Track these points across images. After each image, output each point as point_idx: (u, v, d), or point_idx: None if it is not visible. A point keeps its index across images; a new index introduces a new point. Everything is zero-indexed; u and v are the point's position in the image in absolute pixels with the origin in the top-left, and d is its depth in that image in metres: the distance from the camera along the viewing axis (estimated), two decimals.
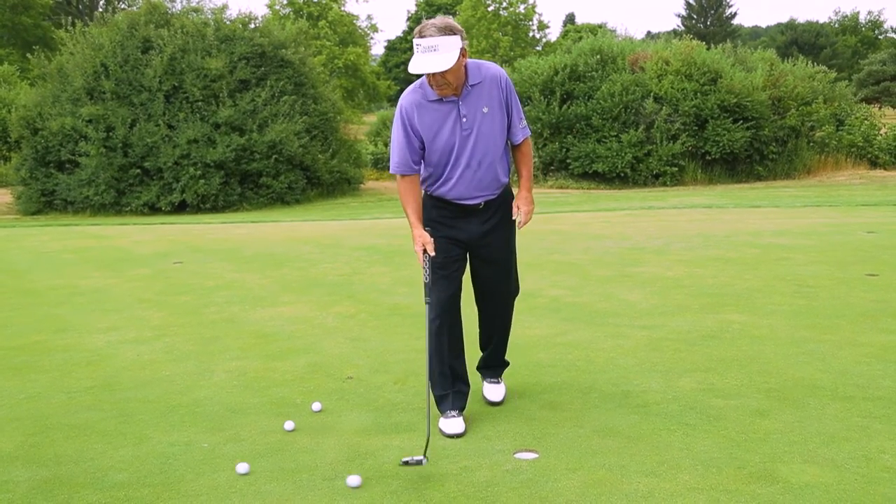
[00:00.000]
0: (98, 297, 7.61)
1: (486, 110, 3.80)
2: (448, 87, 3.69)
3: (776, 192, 19.14)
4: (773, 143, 23.57)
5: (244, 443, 3.79)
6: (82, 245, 12.35)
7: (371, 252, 10.05)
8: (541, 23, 61.03)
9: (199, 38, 21.63)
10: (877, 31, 71.56)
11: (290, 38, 23.08)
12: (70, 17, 26.03)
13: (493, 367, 4.31)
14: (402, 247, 10.01)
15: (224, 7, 24.34)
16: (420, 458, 3.44)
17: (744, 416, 3.88)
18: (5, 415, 4.31)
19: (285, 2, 48.65)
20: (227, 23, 22.98)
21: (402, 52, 62.48)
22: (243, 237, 12.68)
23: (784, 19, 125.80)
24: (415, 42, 3.61)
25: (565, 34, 61.77)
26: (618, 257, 8.84)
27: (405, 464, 3.42)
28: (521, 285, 4.29)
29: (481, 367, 4.34)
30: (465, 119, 3.77)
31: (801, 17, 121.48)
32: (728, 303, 6.33)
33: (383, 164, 27.95)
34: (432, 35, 3.55)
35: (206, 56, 21.18)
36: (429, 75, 3.64)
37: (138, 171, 20.34)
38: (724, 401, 4.10)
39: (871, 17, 71.82)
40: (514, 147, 4.01)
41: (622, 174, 22.80)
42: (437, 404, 3.99)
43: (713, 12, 68.75)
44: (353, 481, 3.28)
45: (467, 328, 4.13)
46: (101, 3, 53.37)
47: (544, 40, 60.66)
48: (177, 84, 20.77)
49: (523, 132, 3.96)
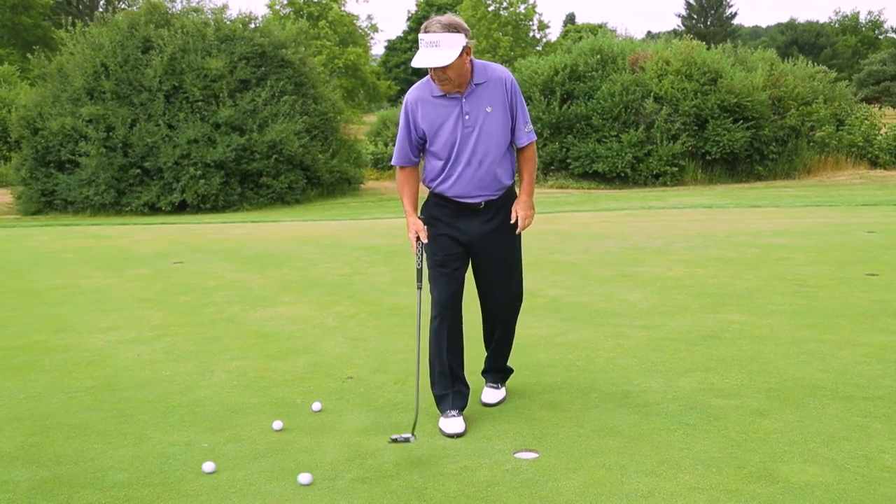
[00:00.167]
0: (98, 297, 7.61)
1: (489, 109, 3.83)
2: (449, 83, 3.73)
3: (776, 192, 19.14)
4: (774, 143, 23.57)
5: (244, 443, 3.79)
6: (82, 245, 12.35)
7: (371, 252, 10.05)
8: (541, 23, 61.10)
9: (200, 38, 21.62)
10: (877, 31, 71.58)
11: (290, 38, 23.07)
12: (70, 17, 26.02)
13: (494, 371, 4.30)
14: (402, 247, 10.01)
15: (224, 7, 24.34)
16: (408, 436, 3.63)
17: (744, 416, 3.88)
18: (5, 415, 4.31)
19: (285, 2, 48.69)
20: (228, 23, 22.97)
21: (403, 52, 62.46)
22: (243, 237, 12.68)
23: (784, 19, 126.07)
24: (419, 36, 3.69)
25: (565, 34, 61.75)
26: (618, 257, 8.85)
27: (393, 441, 3.60)
28: (522, 288, 4.27)
29: (484, 370, 4.34)
30: (467, 116, 3.81)
31: (802, 17, 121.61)
32: (728, 303, 6.34)
33: (383, 164, 27.97)
34: (436, 31, 3.63)
35: (206, 56, 21.18)
36: (431, 70, 3.70)
37: (138, 171, 20.33)
38: (725, 400, 4.11)
39: (872, 17, 71.91)
40: (518, 151, 4.03)
41: (622, 174, 22.79)
42: (438, 404, 4.00)
43: (713, 12, 68.75)
44: (303, 479, 3.33)
45: (470, 330, 4.13)
46: (102, 3, 53.38)
47: (544, 40, 60.68)
48: (177, 84, 20.77)
49: (528, 136, 3.96)
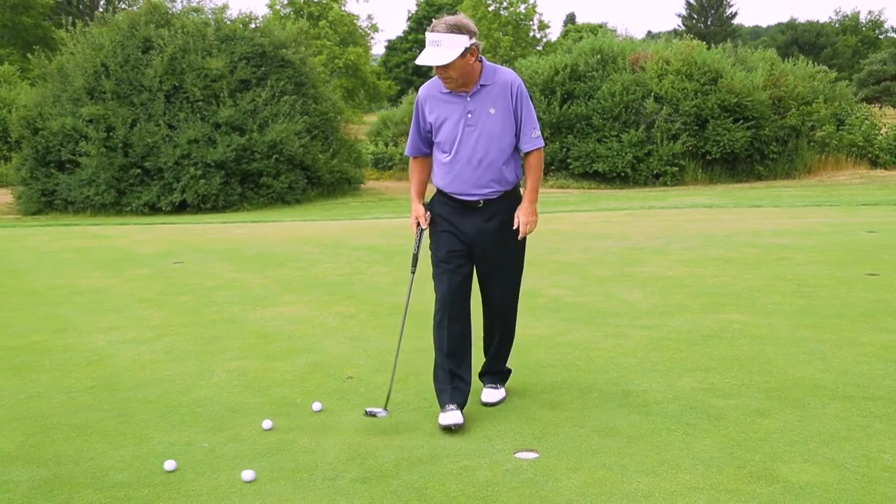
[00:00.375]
0: (98, 297, 7.61)
1: (492, 111, 3.90)
2: (452, 81, 3.84)
3: (776, 192, 19.14)
4: (774, 143, 23.57)
5: (244, 443, 3.79)
6: (83, 245, 12.35)
7: (371, 252, 10.05)
8: (541, 23, 61.02)
9: (200, 37, 21.61)
10: (877, 31, 71.53)
11: (290, 37, 23.06)
12: (70, 17, 26.03)
13: (491, 373, 4.32)
14: (402, 246, 10.00)
15: (224, 7, 24.35)
16: (381, 410, 3.94)
17: (744, 416, 3.88)
18: (5, 415, 4.31)
19: (286, 2, 48.66)
20: (228, 23, 22.96)
21: (403, 52, 62.44)
22: (244, 237, 12.68)
23: (784, 19, 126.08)
24: (425, 34, 3.81)
25: (566, 34, 61.70)
26: (618, 257, 8.84)
27: (368, 414, 3.93)
28: (518, 290, 4.28)
29: (482, 372, 4.35)
30: (470, 115, 3.90)
31: (802, 17, 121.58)
32: (728, 302, 6.33)
33: (384, 163, 28.00)
34: (439, 31, 3.75)
35: (206, 56, 21.17)
36: (435, 68, 3.80)
37: (139, 170, 20.32)
38: (725, 400, 4.11)
39: (872, 17, 71.82)
40: (524, 156, 4.09)
41: (622, 174, 22.80)
42: (438, 398, 4.02)
43: (714, 12, 68.69)
44: (247, 475, 3.36)
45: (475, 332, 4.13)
46: (102, 3, 53.37)
47: (545, 40, 60.62)
48: (177, 84, 20.76)
49: (533, 143, 3.99)
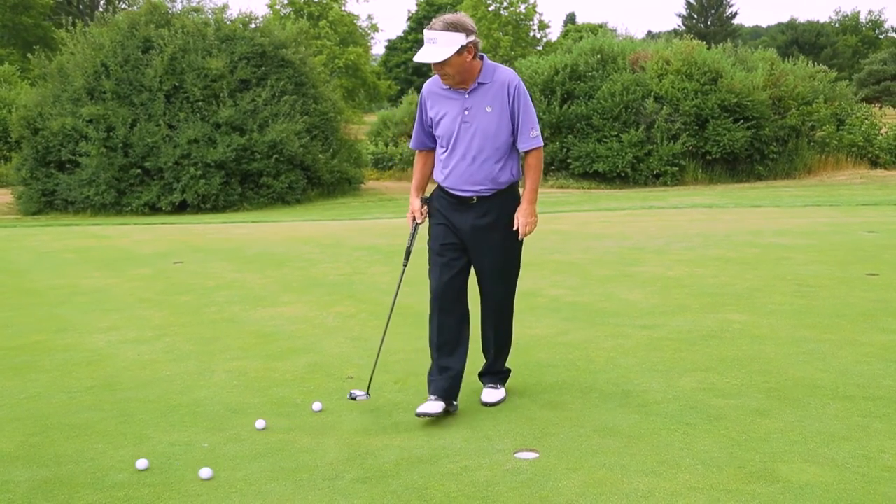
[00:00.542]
0: (99, 297, 7.61)
1: (488, 109, 3.96)
2: (450, 78, 3.92)
3: (777, 192, 19.14)
4: (774, 143, 23.56)
5: (244, 443, 3.79)
6: (83, 245, 12.35)
7: (371, 252, 10.05)
8: (541, 22, 60.91)
9: (200, 37, 21.60)
10: (877, 31, 71.49)
11: (290, 37, 23.05)
12: (70, 17, 26.06)
13: (491, 373, 4.33)
14: (402, 246, 9.97)
15: (224, 7, 24.36)
16: (362, 394, 4.10)
17: (744, 416, 3.88)
18: (6, 415, 4.31)
19: (286, 1, 48.63)
20: (228, 23, 22.95)
21: (403, 51, 62.40)
22: (244, 237, 12.68)
23: (784, 19, 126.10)
24: (424, 32, 3.88)
25: (566, 34, 61.68)
26: (618, 257, 8.84)
27: (351, 397, 4.09)
28: (519, 285, 4.30)
29: (481, 372, 4.36)
30: (467, 112, 3.97)
31: (802, 17, 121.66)
32: (728, 302, 6.33)
33: (384, 163, 28.00)
34: (436, 29, 3.82)
35: (206, 56, 21.16)
36: (432, 65, 3.86)
37: (139, 170, 20.32)
38: (725, 400, 4.11)
39: (872, 17, 71.78)
40: (523, 156, 4.12)
41: (623, 174, 22.79)
42: (428, 387, 4.15)
43: (714, 12, 68.65)
44: (204, 473, 3.41)
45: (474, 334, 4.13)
46: (102, 3, 53.36)
47: (545, 40, 60.56)
48: (177, 84, 20.75)
49: (531, 142, 4.02)
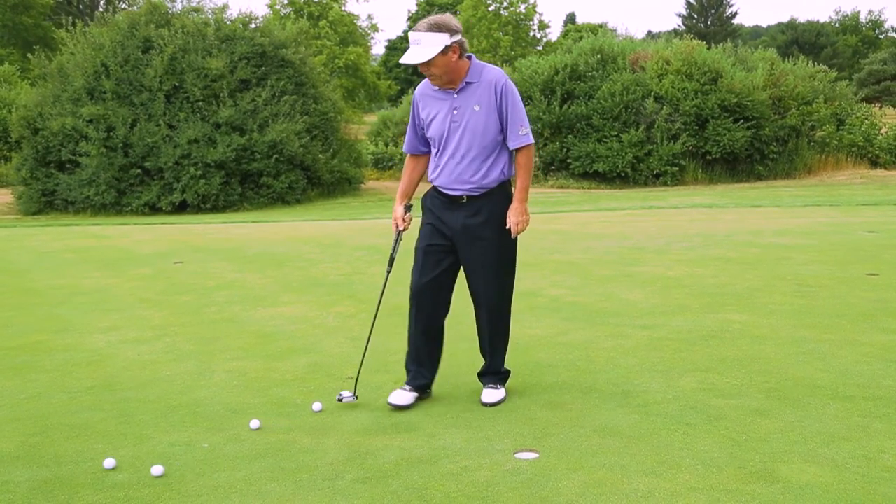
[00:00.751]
0: (99, 297, 7.61)
1: (476, 108, 4.01)
2: (437, 78, 3.98)
3: (777, 192, 19.14)
4: (774, 143, 23.56)
5: (244, 443, 3.79)
6: (83, 245, 12.35)
7: (372, 252, 10.04)
8: (541, 22, 61.00)
9: (200, 37, 21.62)
10: (877, 31, 71.52)
11: (290, 37, 23.07)
12: (70, 17, 26.07)
13: (490, 374, 4.33)
14: (402, 246, 9.98)
15: (224, 7, 24.36)
16: (349, 395, 4.19)
17: (744, 416, 3.88)
18: (6, 415, 4.31)
19: (286, 1, 48.65)
20: (228, 23, 22.97)
21: (403, 51, 61.68)
22: (244, 237, 12.68)
23: (785, 19, 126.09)
24: (409, 34, 3.94)
25: (566, 34, 61.67)
26: (618, 257, 8.84)
27: (339, 399, 4.16)
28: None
29: (481, 373, 4.36)
30: (455, 112, 4.02)
31: (802, 17, 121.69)
32: (728, 302, 6.33)
33: (384, 163, 27.99)
34: (420, 30, 3.88)
35: (206, 56, 21.17)
36: (419, 66, 3.91)
37: (139, 170, 20.34)
38: (725, 400, 4.10)
39: (872, 17, 71.82)
40: (515, 154, 4.12)
41: (623, 174, 22.79)
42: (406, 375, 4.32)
43: (714, 12, 68.65)
44: (156, 470, 3.45)
45: (468, 331, 4.13)
46: (102, 2, 53.37)
47: (545, 40, 60.60)
48: (177, 84, 20.77)
49: (520, 140, 4.03)
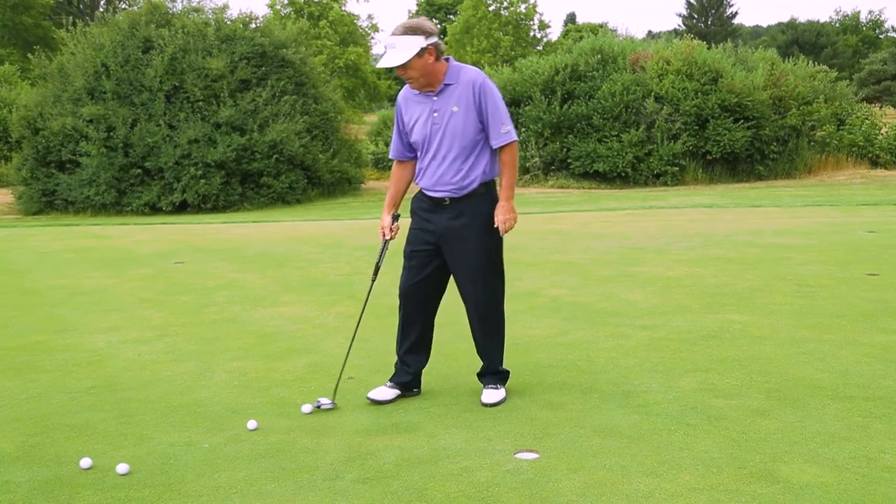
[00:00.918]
0: (99, 297, 7.61)
1: (455, 109, 4.03)
2: (415, 81, 4.02)
3: (777, 192, 19.14)
4: (774, 143, 23.55)
5: (245, 443, 3.79)
6: (83, 245, 12.36)
7: (372, 252, 10.03)
8: (542, 22, 60.88)
9: (200, 37, 21.63)
10: (878, 31, 71.46)
11: (290, 37, 23.07)
12: (71, 17, 26.07)
13: (488, 375, 4.33)
14: (402, 247, 9.99)
15: (225, 7, 24.39)
16: (328, 402, 4.16)
17: (744, 416, 3.88)
18: (6, 415, 4.31)
19: (286, 1, 48.64)
20: (228, 23, 22.97)
21: None
22: (244, 237, 12.68)
23: (785, 19, 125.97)
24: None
25: (566, 34, 61.68)
26: (618, 257, 8.84)
27: (316, 406, 4.12)
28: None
29: (480, 373, 4.37)
30: (436, 114, 4.05)
31: (802, 17, 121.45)
32: (729, 302, 6.33)
33: (384, 163, 27.96)
34: (395, 34, 3.93)
35: (206, 56, 21.18)
36: (396, 69, 3.94)
37: (139, 170, 20.34)
38: (725, 401, 4.10)
39: (872, 17, 71.75)
40: (499, 153, 4.13)
41: (623, 174, 22.78)
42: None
43: (714, 12, 68.62)
44: (121, 468, 3.47)
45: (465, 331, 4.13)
46: (102, 2, 53.37)
47: (545, 40, 60.53)
48: (177, 84, 20.78)
49: (502, 138, 4.05)
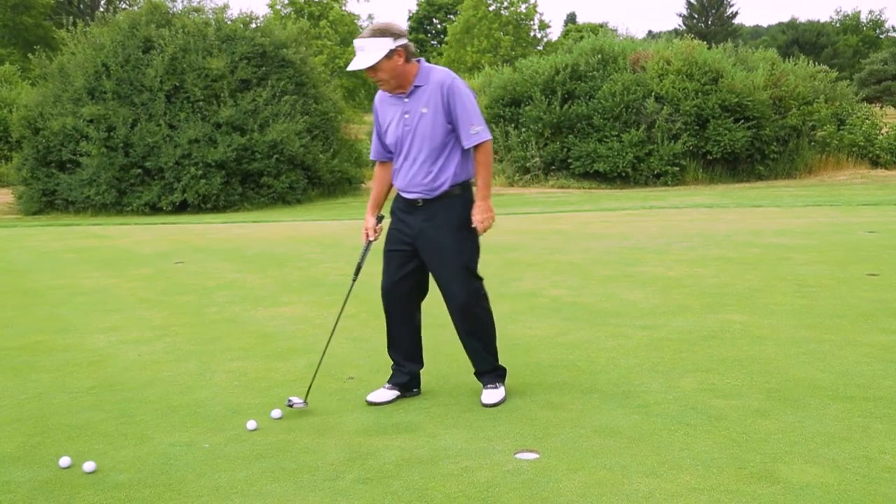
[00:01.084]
0: (99, 297, 7.62)
1: (424, 111, 4.04)
2: (385, 83, 4.03)
3: (777, 192, 19.13)
4: (775, 143, 23.54)
5: (245, 443, 3.80)
6: (83, 245, 12.36)
7: (372, 252, 10.02)
8: (542, 22, 60.87)
9: (200, 37, 21.61)
10: (878, 31, 71.48)
11: (291, 37, 23.05)
12: (71, 17, 26.05)
13: (482, 374, 4.33)
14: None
15: (225, 7, 24.36)
16: (300, 402, 4.13)
17: (745, 417, 3.88)
18: (6, 415, 4.31)
19: (286, 1, 48.64)
20: (228, 22, 22.95)
21: None
22: (244, 237, 12.68)
23: (785, 19, 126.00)
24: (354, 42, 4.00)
25: (566, 34, 61.69)
26: (619, 257, 8.84)
27: (288, 404, 4.11)
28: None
29: (475, 372, 4.37)
30: (406, 116, 4.08)
31: (803, 17, 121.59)
32: (729, 302, 6.33)
33: None
34: (364, 37, 3.97)
35: (207, 56, 21.16)
36: (366, 71, 3.95)
37: (139, 170, 20.32)
38: (725, 401, 4.11)
39: (873, 17, 71.77)
40: (473, 153, 4.12)
41: (623, 174, 22.76)
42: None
43: (714, 12, 68.62)
44: (87, 467, 3.50)
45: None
46: (103, 2, 53.38)
47: (545, 40, 60.53)
48: (178, 84, 20.76)
49: (473, 139, 4.04)
